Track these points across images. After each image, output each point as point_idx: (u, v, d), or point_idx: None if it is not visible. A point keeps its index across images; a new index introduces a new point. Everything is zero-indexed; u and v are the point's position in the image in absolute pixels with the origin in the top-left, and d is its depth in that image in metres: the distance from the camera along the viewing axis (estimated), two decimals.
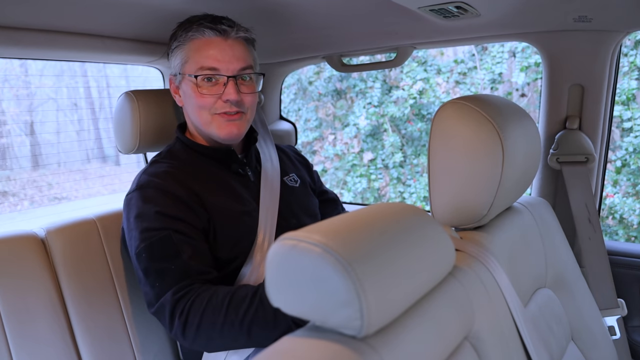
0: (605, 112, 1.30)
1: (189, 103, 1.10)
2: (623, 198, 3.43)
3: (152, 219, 0.98)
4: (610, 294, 1.23)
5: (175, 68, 1.11)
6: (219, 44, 1.06)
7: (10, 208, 5.50)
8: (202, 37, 1.06)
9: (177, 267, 0.94)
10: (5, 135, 5.59)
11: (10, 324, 1.04)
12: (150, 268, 0.95)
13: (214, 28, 1.05)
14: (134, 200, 1.02)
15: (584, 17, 1.14)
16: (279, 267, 0.54)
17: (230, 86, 1.06)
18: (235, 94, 1.06)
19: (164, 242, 0.96)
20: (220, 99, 1.07)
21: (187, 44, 1.08)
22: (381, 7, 1.13)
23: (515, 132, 0.87)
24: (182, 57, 1.08)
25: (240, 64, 1.07)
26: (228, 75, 1.06)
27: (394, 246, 0.58)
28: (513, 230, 0.98)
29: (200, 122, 1.09)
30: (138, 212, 1.00)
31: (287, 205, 1.16)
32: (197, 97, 1.07)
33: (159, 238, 0.96)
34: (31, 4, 0.99)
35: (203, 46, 1.06)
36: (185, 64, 1.08)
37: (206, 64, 1.05)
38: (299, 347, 0.53)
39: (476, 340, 0.72)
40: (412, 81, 4.14)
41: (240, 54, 1.08)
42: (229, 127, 1.08)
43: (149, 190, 1.02)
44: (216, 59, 1.05)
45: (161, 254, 0.95)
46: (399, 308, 0.57)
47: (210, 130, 1.09)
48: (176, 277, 0.93)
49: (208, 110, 1.07)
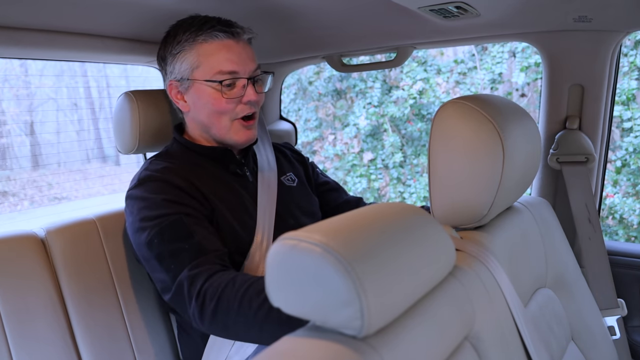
0: (605, 112, 1.31)
1: (204, 109, 1.08)
2: (623, 198, 3.44)
3: (160, 207, 0.98)
4: (610, 294, 1.24)
5: (180, 73, 1.08)
6: (233, 46, 1.06)
7: (10, 208, 5.52)
8: (214, 41, 1.05)
9: (190, 247, 0.93)
10: (5, 135, 5.62)
11: (10, 324, 1.04)
12: (164, 252, 0.94)
13: (227, 31, 1.05)
14: (137, 193, 1.02)
15: (584, 17, 1.14)
16: (279, 267, 0.54)
17: (250, 88, 1.07)
18: (255, 94, 1.07)
19: (175, 225, 0.96)
20: (240, 102, 1.07)
21: (196, 47, 1.05)
22: (381, 7, 1.13)
23: (515, 131, 0.87)
24: (191, 62, 1.06)
25: (254, 65, 1.08)
26: (247, 77, 1.07)
27: (394, 246, 0.58)
28: (513, 230, 0.99)
29: (218, 128, 1.09)
30: (144, 204, 1.00)
31: (285, 206, 1.16)
32: (217, 103, 1.06)
33: (170, 222, 0.96)
34: (31, 4, 0.99)
35: (217, 50, 1.05)
36: (196, 70, 1.06)
37: (225, 67, 1.04)
38: (300, 347, 0.53)
39: (476, 340, 0.72)
40: (412, 81, 4.15)
41: (252, 55, 1.09)
42: (247, 133, 1.10)
43: (152, 183, 1.02)
44: (233, 62, 1.05)
45: (173, 235, 0.95)
46: (399, 308, 0.58)
47: (227, 137, 1.09)
48: (191, 255, 0.92)
49: (229, 115, 1.07)
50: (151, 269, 0.99)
